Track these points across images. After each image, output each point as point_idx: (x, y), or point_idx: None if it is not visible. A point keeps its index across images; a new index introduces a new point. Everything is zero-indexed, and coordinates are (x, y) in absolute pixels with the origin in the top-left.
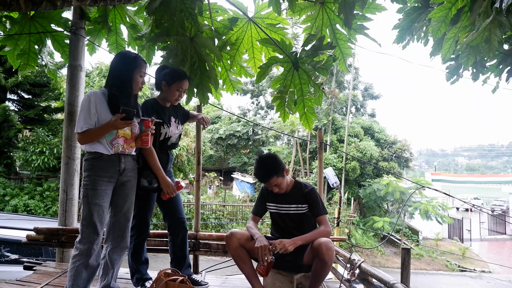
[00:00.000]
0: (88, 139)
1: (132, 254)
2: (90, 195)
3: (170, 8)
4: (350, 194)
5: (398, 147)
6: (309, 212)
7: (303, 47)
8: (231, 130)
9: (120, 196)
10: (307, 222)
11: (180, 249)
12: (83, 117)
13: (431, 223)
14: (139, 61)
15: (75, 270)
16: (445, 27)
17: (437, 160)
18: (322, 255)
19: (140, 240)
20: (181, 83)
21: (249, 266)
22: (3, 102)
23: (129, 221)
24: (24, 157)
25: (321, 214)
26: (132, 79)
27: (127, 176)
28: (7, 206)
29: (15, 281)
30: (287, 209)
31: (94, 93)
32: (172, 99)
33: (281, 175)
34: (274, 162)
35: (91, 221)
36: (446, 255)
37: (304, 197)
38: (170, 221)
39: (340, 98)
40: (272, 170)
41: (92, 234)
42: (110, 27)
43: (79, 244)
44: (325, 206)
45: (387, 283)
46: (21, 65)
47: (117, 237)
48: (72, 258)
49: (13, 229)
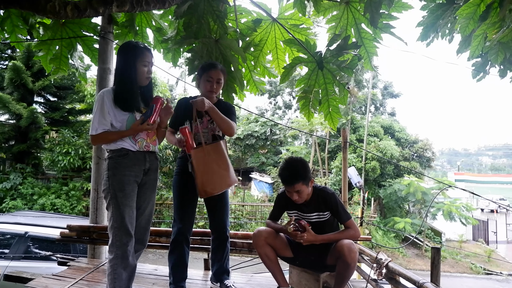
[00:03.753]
0: (102, 142)
1: (171, 253)
2: (119, 196)
3: (198, 11)
4: (370, 194)
5: (420, 146)
6: (331, 217)
7: (327, 47)
8: (249, 130)
9: (143, 198)
10: (328, 226)
11: (218, 255)
12: (97, 119)
13: (455, 225)
14: (140, 50)
15: (115, 273)
16: (473, 24)
17: (460, 160)
18: (345, 257)
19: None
20: (210, 72)
21: (275, 264)
22: (31, 104)
23: (150, 223)
24: (50, 158)
25: (347, 219)
26: (135, 71)
27: (151, 176)
28: (35, 204)
29: (52, 276)
30: (309, 217)
31: (107, 91)
32: (204, 91)
33: (306, 184)
34: (304, 167)
35: (123, 224)
36: (471, 258)
37: (325, 204)
38: (213, 224)
39: (359, 97)
40: (300, 175)
41: (125, 237)
42: (137, 31)
43: (113, 247)
44: (346, 210)
45: (416, 282)
46: (53, 69)
47: (137, 240)
48: (109, 262)
49: (44, 227)
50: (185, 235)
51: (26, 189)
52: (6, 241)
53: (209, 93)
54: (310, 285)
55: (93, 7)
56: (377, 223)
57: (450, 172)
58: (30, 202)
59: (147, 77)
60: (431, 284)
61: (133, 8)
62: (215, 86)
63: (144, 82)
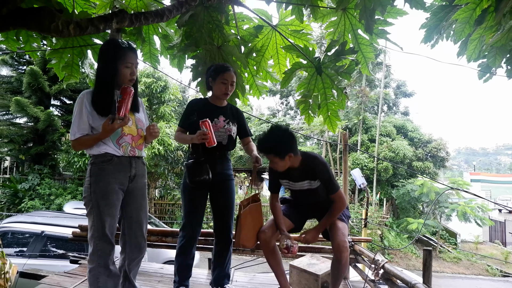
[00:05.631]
0: (82, 147)
1: (178, 255)
2: (101, 205)
3: (198, 21)
4: (382, 195)
5: (433, 146)
6: (320, 185)
7: (325, 52)
8: (260, 131)
9: (133, 206)
10: (321, 191)
11: (221, 260)
12: (76, 123)
13: (470, 226)
14: (122, 51)
15: (98, 281)
16: (469, 28)
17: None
18: (336, 256)
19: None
20: (224, 75)
21: (279, 266)
22: (48, 108)
23: (144, 230)
24: (66, 159)
25: (335, 191)
26: (114, 73)
27: (138, 182)
28: (52, 205)
29: (64, 273)
30: (300, 186)
31: (87, 93)
32: (219, 93)
33: (280, 157)
34: (280, 142)
35: (104, 234)
36: (487, 259)
37: (315, 174)
38: (217, 226)
39: (371, 97)
40: (273, 148)
41: (107, 246)
42: (144, 38)
43: (94, 257)
44: (335, 181)
45: (408, 283)
46: (66, 76)
47: (134, 248)
48: (90, 271)
49: (59, 226)
50: (193, 241)
51: (44, 190)
52: (25, 240)
53: (224, 96)
54: (310, 285)
55: (94, 24)
56: (389, 224)
57: (466, 172)
58: (48, 202)
59: (130, 79)
60: (423, 285)
61: (132, 23)
62: (230, 88)
63: (126, 84)
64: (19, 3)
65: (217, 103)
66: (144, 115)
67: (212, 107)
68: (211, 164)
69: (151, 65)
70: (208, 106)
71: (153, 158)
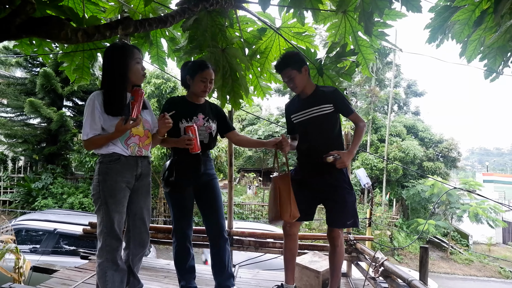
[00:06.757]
0: (94, 146)
1: (175, 261)
2: (110, 202)
3: (202, 25)
4: (392, 195)
5: (444, 146)
6: (332, 112)
7: (327, 54)
8: (269, 131)
9: (137, 204)
10: (327, 123)
11: (219, 259)
12: (88, 123)
13: (483, 227)
14: (130, 48)
15: (106, 275)
16: (468, 29)
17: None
18: (332, 244)
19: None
20: (204, 73)
21: (293, 261)
22: (60, 109)
23: (148, 227)
24: (78, 159)
25: (352, 111)
26: (127, 70)
27: (143, 181)
28: (65, 203)
29: (74, 268)
30: (311, 112)
31: (97, 94)
32: (198, 91)
33: (297, 69)
34: (293, 56)
35: (113, 230)
36: (500, 262)
37: (328, 97)
38: (208, 228)
39: (380, 97)
40: (289, 62)
41: (115, 242)
42: (152, 41)
43: (103, 252)
44: (350, 103)
45: (405, 279)
46: (77, 78)
47: (138, 245)
48: (98, 266)
49: (71, 224)
50: (188, 244)
51: (57, 189)
52: (38, 237)
53: (203, 93)
54: (311, 281)
55: (100, 31)
56: (399, 224)
57: (479, 172)
58: (60, 201)
59: (143, 74)
60: (419, 282)
61: (136, 29)
62: (209, 86)
63: (140, 80)
64: (31, 14)
65: (195, 100)
66: (151, 115)
67: (191, 105)
68: (195, 165)
69: (158, 67)
70: (186, 104)
71: (162, 158)
